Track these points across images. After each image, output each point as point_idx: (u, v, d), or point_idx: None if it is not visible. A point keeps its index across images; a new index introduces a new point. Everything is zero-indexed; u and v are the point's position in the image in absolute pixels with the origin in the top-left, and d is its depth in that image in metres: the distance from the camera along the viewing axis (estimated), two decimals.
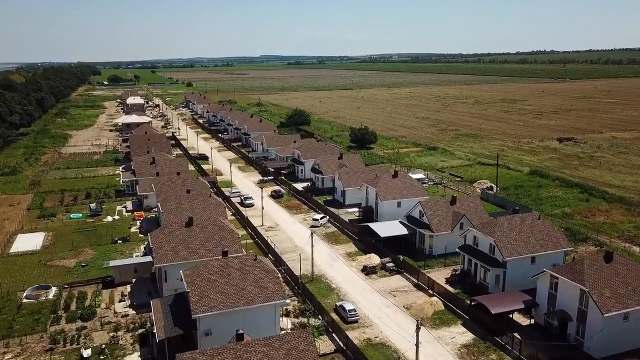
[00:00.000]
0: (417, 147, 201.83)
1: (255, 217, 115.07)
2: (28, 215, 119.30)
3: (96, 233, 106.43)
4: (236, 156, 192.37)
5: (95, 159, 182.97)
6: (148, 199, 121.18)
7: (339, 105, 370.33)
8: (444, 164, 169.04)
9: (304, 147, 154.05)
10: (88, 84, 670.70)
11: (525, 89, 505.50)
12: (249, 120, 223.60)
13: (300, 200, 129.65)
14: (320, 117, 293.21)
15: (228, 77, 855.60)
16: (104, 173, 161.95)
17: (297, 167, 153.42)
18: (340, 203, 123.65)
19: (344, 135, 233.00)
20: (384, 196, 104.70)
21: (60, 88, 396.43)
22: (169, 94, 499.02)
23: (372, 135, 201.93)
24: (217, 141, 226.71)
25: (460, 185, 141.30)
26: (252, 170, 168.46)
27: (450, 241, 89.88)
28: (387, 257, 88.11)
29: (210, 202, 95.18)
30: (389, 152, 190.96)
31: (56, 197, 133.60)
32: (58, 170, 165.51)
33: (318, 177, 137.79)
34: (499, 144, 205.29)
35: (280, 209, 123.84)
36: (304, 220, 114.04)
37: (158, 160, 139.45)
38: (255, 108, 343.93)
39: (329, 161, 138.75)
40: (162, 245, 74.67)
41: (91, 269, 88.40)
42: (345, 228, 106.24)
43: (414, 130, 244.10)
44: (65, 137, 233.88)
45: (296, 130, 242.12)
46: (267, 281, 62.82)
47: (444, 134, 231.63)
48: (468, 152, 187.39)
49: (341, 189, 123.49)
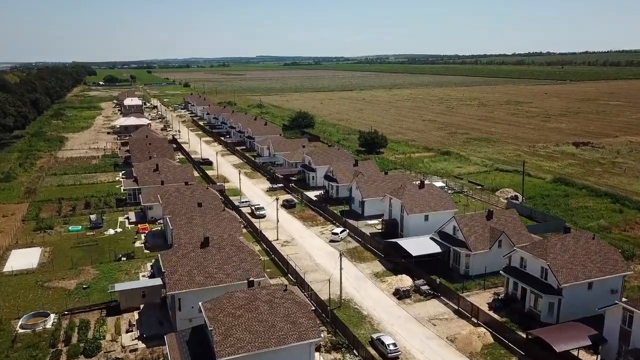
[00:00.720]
0: (428, 151, 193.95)
1: (268, 229, 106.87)
2: (23, 228, 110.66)
3: (97, 248, 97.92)
4: (241, 161, 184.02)
5: (93, 164, 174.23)
6: (153, 209, 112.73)
7: (341, 107, 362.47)
8: (460, 171, 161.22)
9: (315, 153, 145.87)
10: (84, 84, 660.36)
11: (527, 90, 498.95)
12: (252, 123, 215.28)
13: (315, 211, 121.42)
14: (323, 120, 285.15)
15: (225, 78, 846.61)
16: (103, 180, 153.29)
17: (308, 174, 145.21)
18: (358, 214, 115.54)
19: (351, 138, 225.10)
20: (410, 209, 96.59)
21: (55, 88, 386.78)
22: (167, 94, 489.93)
23: (382, 139, 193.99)
24: (220, 145, 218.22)
25: (482, 194, 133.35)
26: (259, 176, 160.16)
27: (489, 261, 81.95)
28: (421, 279, 79.94)
29: (224, 216, 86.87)
30: (401, 157, 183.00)
31: (53, 207, 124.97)
32: (55, 177, 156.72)
33: (332, 186, 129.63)
34: (513, 148, 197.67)
35: (294, 220, 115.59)
36: (321, 234, 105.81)
37: (162, 167, 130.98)
38: (256, 110, 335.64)
39: (344, 168, 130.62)
40: (175, 270, 66.33)
41: (93, 291, 79.96)
42: (368, 243, 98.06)
43: (422, 134, 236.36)
44: (61, 140, 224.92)
45: (300, 133, 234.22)
46: (300, 315, 54.66)
47: (454, 138, 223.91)
48: (483, 158, 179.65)
49: (359, 199, 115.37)
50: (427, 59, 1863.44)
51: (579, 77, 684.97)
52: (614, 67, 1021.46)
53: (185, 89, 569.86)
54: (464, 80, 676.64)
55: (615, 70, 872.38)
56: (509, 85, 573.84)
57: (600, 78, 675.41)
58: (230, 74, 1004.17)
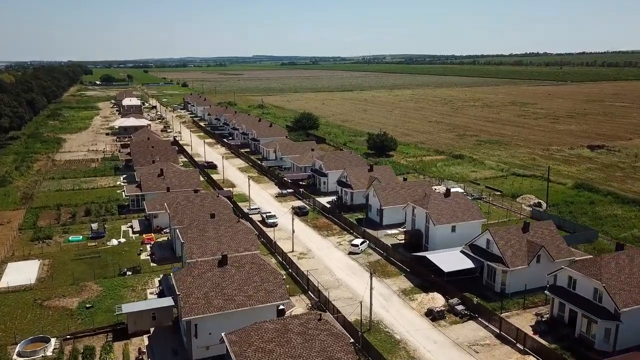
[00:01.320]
0: (440, 154, 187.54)
1: (281, 239, 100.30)
2: (20, 237, 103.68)
3: (100, 261, 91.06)
4: (246, 164, 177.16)
5: (92, 167, 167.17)
6: (158, 218, 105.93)
7: (344, 107, 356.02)
8: (476, 175, 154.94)
9: (327, 157, 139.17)
10: (80, 83, 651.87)
11: (529, 91, 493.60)
12: (257, 124, 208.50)
13: (329, 219, 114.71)
14: (327, 121, 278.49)
15: (223, 78, 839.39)
16: (104, 184, 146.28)
17: (319, 179, 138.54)
18: (376, 223, 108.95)
19: (358, 140, 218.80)
20: (437, 219, 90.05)
21: (52, 88, 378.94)
22: (165, 94, 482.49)
23: (391, 141, 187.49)
24: (223, 147, 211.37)
25: (503, 201, 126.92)
26: (266, 180, 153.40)
27: (527, 277, 75.55)
28: (455, 298, 73.37)
29: (239, 228, 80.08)
30: (412, 161, 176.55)
31: (51, 214, 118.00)
32: (52, 181, 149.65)
33: (346, 192, 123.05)
34: (526, 151, 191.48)
35: (308, 229, 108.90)
36: (338, 245, 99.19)
37: (166, 172, 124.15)
38: (258, 110, 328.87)
39: (358, 174, 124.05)
40: (190, 292, 59.62)
41: (98, 310, 73.16)
42: (390, 256, 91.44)
43: (430, 136, 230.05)
44: (58, 141, 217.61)
45: (305, 135, 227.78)
46: (337, 349, 48.09)
47: (464, 140, 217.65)
48: (497, 161, 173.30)
49: (377, 206, 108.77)
50: (424, 59, 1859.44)
51: (580, 78, 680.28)
52: (612, 67, 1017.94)
53: (184, 88, 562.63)
54: (464, 81, 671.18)
55: (614, 71, 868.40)
56: (510, 86, 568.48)
57: (601, 79, 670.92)
58: (227, 74, 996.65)
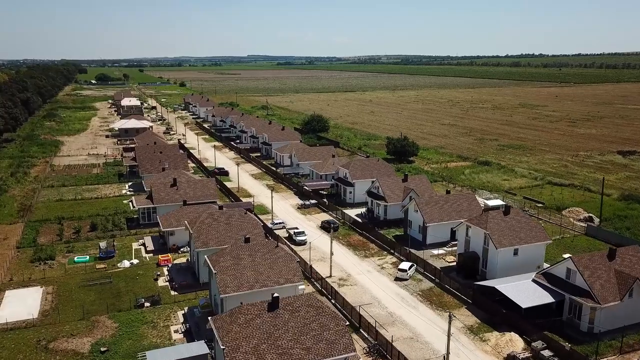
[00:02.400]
0: (464, 160, 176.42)
1: (314, 261, 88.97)
2: (18, 257, 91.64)
3: (112, 288, 79.26)
4: (259, 170, 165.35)
5: (94, 174, 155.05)
6: (175, 235, 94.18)
7: (350, 109, 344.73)
8: (509, 184, 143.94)
9: (353, 165, 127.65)
10: (75, 82, 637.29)
11: (535, 93, 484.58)
12: (267, 127, 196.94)
13: (363, 236, 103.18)
14: (336, 123, 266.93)
15: (220, 77, 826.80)
16: (108, 193, 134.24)
17: (345, 188, 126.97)
18: (418, 241, 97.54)
19: (372, 144, 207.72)
20: (499, 241, 78.74)
21: (47, 87, 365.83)
22: (163, 94, 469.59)
23: (412, 146, 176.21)
24: (232, 151, 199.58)
25: (549, 215, 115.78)
26: (283, 189, 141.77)
27: (619, 314, 64.41)
28: (539, 341, 61.97)
29: (278, 255, 68.45)
30: (436, 167, 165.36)
31: (53, 229, 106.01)
32: (52, 189, 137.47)
33: (378, 205, 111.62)
34: (555, 158, 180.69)
35: (342, 248, 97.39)
36: (381, 268, 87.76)
37: (180, 182, 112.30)
38: (261, 111, 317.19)
39: (392, 184, 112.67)
40: (238, 345, 48.04)
41: (115, 356, 61.36)
42: (445, 283, 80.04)
43: (447, 140, 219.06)
44: (56, 144, 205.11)
45: (316, 138, 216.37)
46: None
47: (484, 145, 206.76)
48: (528, 169, 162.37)
49: (420, 223, 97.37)
50: (420, 60, 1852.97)
51: (582, 80, 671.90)
52: (611, 69, 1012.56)
53: (182, 88, 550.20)
54: (466, 82, 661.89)
55: (614, 73, 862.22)
56: (514, 87, 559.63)
57: (603, 81, 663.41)
58: (224, 73, 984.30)
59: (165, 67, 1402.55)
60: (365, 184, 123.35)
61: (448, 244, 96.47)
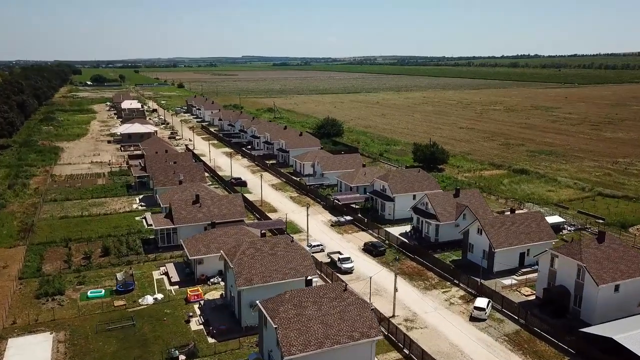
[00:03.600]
0: (497, 168, 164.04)
1: (366, 295, 75.89)
2: (21, 292, 78.30)
3: (135, 333, 66.12)
4: (279, 180, 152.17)
5: (100, 185, 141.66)
6: (203, 264, 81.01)
7: (359, 111, 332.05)
8: (556, 196, 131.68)
9: (393, 177, 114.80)
10: (70, 83, 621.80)
11: (544, 94, 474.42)
12: (283, 132, 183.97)
13: (416, 261, 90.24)
14: (349, 127, 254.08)
15: (218, 78, 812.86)
16: (118, 208, 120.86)
17: (383, 203, 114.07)
18: (482, 268, 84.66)
19: (393, 150, 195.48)
20: (599, 276, 66.13)
21: (43, 89, 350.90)
22: (162, 96, 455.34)
23: (442, 153, 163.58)
24: (244, 157, 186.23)
25: (621, 235, 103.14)
26: (310, 202, 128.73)
27: None
28: None
29: (347, 301, 55.48)
30: (469, 176, 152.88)
31: (59, 253, 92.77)
32: (55, 204, 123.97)
33: (428, 224, 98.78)
34: (594, 165, 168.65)
35: (396, 277, 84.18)
36: (449, 304, 74.94)
37: (203, 199, 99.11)
38: (268, 114, 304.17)
39: (442, 200, 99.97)
40: None
41: None
42: (532, 325, 67.22)
43: (470, 145, 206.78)
44: (55, 151, 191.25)
45: (332, 144, 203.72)
46: None
47: (512, 151, 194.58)
48: (570, 178, 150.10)
49: (484, 247, 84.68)
50: (416, 61, 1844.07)
51: (586, 81, 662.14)
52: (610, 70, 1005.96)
53: (180, 90, 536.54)
54: (469, 83, 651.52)
55: (615, 74, 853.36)
56: (519, 88, 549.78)
57: (606, 82, 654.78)
58: (220, 74, 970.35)
59: (161, 67, 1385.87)
60: (406, 199, 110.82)
61: (517, 271, 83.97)
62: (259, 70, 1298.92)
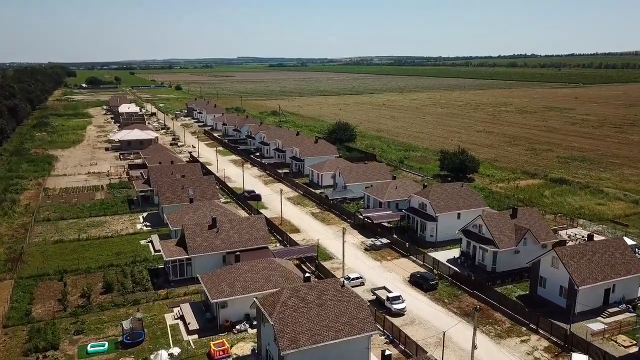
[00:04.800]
0: (532, 177, 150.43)
1: (420, 341, 62.03)
2: (6, 345, 64.04)
3: None
4: (296, 192, 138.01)
5: (99, 200, 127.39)
6: (226, 308, 66.83)
7: (367, 114, 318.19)
8: (608, 210, 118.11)
9: (434, 193, 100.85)
10: (64, 86, 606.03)
11: (550, 94, 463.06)
12: (296, 139, 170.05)
13: (476, 297, 76.25)
14: (360, 131, 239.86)
15: (215, 80, 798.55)
16: (119, 229, 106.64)
17: (423, 223, 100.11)
18: (556, 306, 70.79)
19: (413, 157, 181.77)
20: None
21: (36, 92, 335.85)
22: (160, 98, 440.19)
23: (472, 161, 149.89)
24: (254, 166, 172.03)
25: None
26: (334, 219, 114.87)
27: None
28: None
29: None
30: (504, 187, 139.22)
31: (53, 290, 78.58)
32: (48, 224, 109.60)
33: (484, 250, 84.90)
34: (634, 173, 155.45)
35: (452, 318, 70.42)
36: None
37: (221, 222, 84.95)
38: (273, 118, 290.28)
39: (499, 222, 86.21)
40: None
41: None
42: None
43: (495, 151, 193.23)
44: (49, 160, 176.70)
45: (345, 150, 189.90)
46: None
47: (541, 157, 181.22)
48: (615, 188, 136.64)
49: (561, 283, 70.96)
50: (413, 61, 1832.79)
51: (591, 81, 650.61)
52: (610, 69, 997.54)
53: (178, 92, 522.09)
54: (472, 83, 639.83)
55: (616, 73, 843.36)
56: (524, 89, 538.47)
57: (610, 81, 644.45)
58: (217, 76, 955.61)
59: (156, 69, 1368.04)
60: (450, 218, 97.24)
61: (602, 311, 70.17)
62: (256, 71, 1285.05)
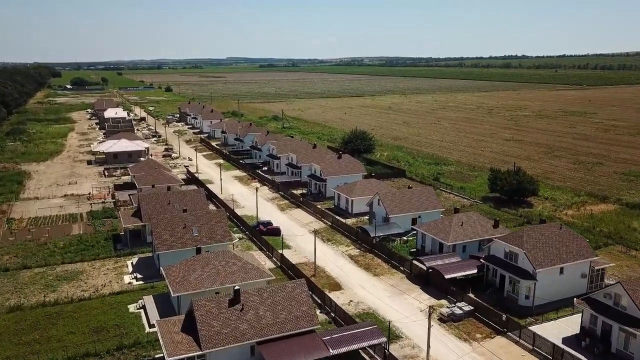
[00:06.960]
0: (602, 201, 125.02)
1: None
2: None
3: None
4: (321, 223, 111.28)
5: (76, 237, 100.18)
6: None
7: (376, 119, 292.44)
8: None
9: (529, 239, 74.78)
10: (48, 87, 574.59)
11: (560, 96, 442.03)
12: (313, 153, 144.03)
13: None
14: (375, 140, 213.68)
15: (206, 80, 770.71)
16: (100, 284, 79.89)
17: (516, 281, 74.04)
18: None
19: (447, 172, 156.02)
20: None
21: (13, 95, 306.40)
22: (150, 101, 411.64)
23: (531, 182, 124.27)
24: (264, 185, 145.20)
25: None
26: (382, 266, 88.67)
27: None
28: None
29: None
30: (575, 215, 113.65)
31: None
32: (5, 277, 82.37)
33: (624, 332, 58.92)
34: None
35: None
36: None
37: (247, 296, 58.37)
38: (274, 123, 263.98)
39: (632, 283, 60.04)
40: None
41: None
42: None
43: (538, 165, 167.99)
44: (20, 178, 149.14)
45: (366, 163, 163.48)
46: None
47: (597, 172, 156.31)
48: None
49: None
50: (404, 62, 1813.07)
51: (593, 82, 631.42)
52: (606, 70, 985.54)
53: (168, 94, 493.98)
54: (472, 85, 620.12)
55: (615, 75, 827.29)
56: (530, 90, 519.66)
57: (613, 83, 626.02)
58: (208, 76, 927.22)
59: (145, 69, 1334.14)
60: (552, 274, 71.20)
61: None
62: (246, 71, 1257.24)
